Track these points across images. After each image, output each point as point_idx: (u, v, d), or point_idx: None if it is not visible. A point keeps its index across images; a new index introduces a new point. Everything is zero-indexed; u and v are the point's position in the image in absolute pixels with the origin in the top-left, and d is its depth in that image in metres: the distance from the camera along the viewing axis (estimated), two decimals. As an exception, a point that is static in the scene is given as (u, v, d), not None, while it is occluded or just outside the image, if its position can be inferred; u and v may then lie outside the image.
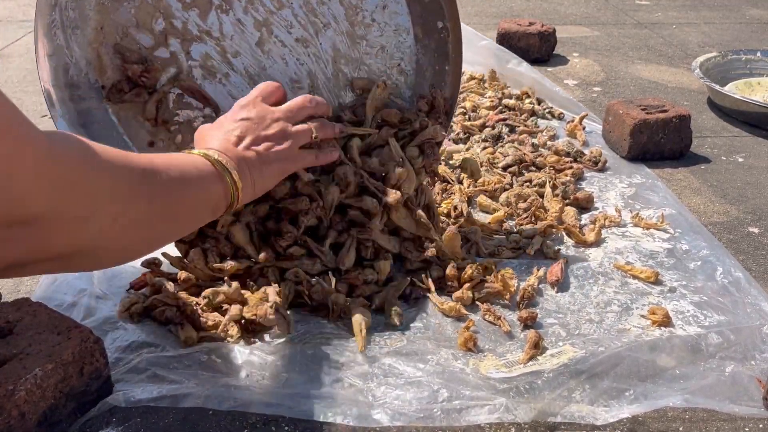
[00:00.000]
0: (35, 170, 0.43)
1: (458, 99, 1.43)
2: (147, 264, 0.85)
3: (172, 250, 0.92)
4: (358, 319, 0.76)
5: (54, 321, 0.66)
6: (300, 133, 0.74)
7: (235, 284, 0.80)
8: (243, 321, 0.76)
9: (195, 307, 0.77)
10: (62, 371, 0.62)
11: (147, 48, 0.79)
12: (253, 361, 0.72)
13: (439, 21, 0.85)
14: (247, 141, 0.69)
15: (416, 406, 0.67)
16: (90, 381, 0.65)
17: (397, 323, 0.78)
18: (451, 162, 1.17)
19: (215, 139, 0.69)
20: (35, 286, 0.84)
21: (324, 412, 0.67)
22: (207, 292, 0.79)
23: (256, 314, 0.76)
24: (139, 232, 0.56)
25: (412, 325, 0.79)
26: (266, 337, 0.76)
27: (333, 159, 0.79)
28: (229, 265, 0.81)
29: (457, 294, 0.81)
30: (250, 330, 0.77)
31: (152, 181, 0.56)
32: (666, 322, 0.79)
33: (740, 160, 1.25)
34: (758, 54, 1.59)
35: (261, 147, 0.70)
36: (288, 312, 0.78)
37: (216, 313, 0.78)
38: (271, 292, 0.79)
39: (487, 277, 0.85)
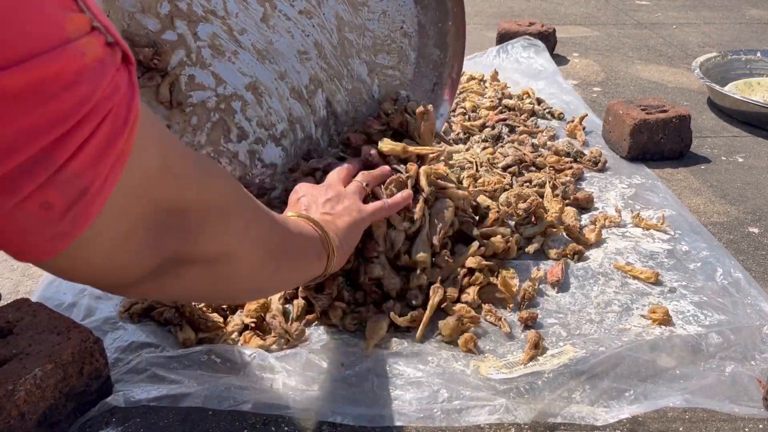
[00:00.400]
0: (186, 160, 0.44)
1: (458, 99, 1.43)
2: None
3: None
4: (376, 326, 0.75)
5: (54, 321, 0.66)
6: (354, 191, 0.76)
7: None
8: (245, 326, 0.77)
9: (194, 308, 0.77)
10: (62, 371, 0.62)
11: (154, 32, 0.79)
12: (253, 361, 0.72)
13: None
14: (314, 208, 0.72)
15: (416, 406, 0.67)
16: (90, 381, 0.65)
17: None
18: (451, 162, 1.17)
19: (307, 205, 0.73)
20: (35, 286, 0.84)
21: (324, 412, 0.67)
22: None
23: (258, 322, 0.76)
24: (265, 255, 0.56)
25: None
26: (267, 338, 0.76)
27: (406, 200, 0.79)
28: None
29: (466, 297, 0.81)
30: (253, 329, 0.77)
31: (270, 214, 0.58)
32: (666, 320, 0.79)
33: (740, 160, 1.25)
34: (758, 54, 1.59)
35: (327, 208, 0.72)
36: (297, 323, 0.77)
37: (216, 314, 0.78)
38: (275, 299, 0.79)
39: (492, 278, 0.84)
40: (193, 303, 0.78)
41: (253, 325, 0.77)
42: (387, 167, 0.81)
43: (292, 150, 0.87)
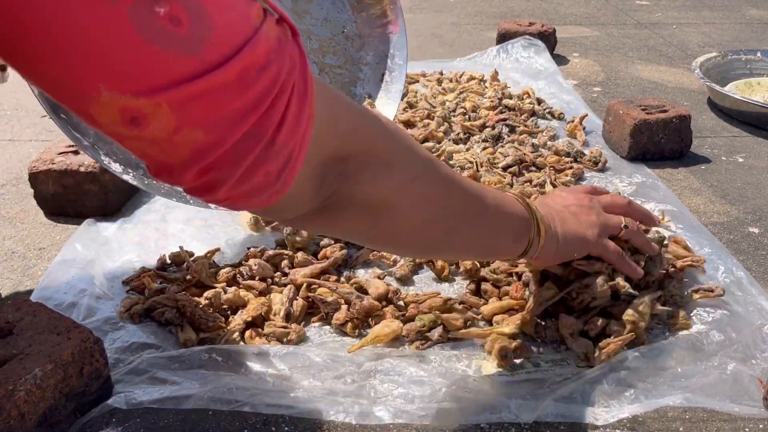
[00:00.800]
0: (350, 116, 0.50)
1: (458, 99, 1.43)
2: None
3: (174, 249, 0.92)
4: (379, 333, 0.75)
5: (54, 321, 0.66)
6: (611, 217, 0.73)
7: (233, 289, 0.80)
8: (246, 325, 0.77)
9: (195, 308, 0.77)
10: (62, 372, 0.62)
11: None
12: (253, 360, 0.72)
13: None
14: (560, 201, 0.72)
15: (418, 404, 0.67)
16: (90, 381, 0.65)
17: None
18: (451, 162, 1.17)
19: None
20: (35, 286, 0.84)
21: (325, 409, 0.67)
22: (209, 293, 0.79)
23: (259, 322, 0.76)
24: (433, 214, 0.57)
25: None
26: (269, 338, 0.76)
27: (636, 274, 0.74)
28: (225, 272, 0.83)
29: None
30: (254, 329, 0.77)
31: (451, 178, 0.59)
32: (686, 325, 0.78)
33: (740, 160, 1.25)
34: (758, 54, 1.59)
35: (572, 208, 0.71)
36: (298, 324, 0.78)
37: (216, 314, 0.78)
38: (277, 300, 0.79)
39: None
40: (193, 305, 0.78)
41: (254, 324, 0.77)
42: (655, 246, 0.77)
43: None
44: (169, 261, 0.90)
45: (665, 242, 0.82)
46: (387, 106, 1.01)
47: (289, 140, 0.41)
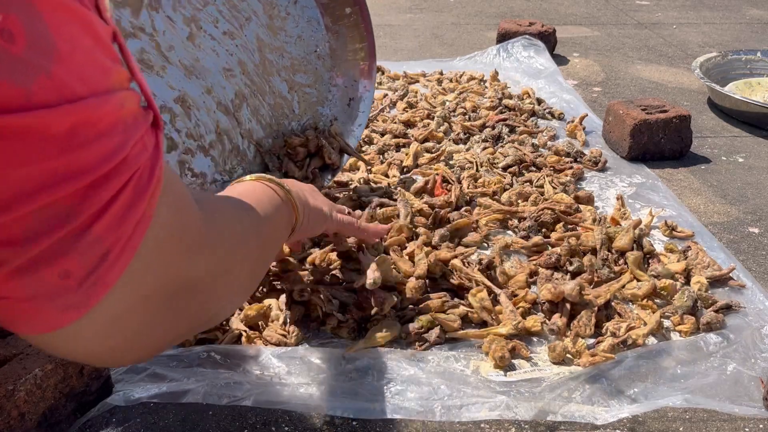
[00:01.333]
0: (200, 227, 0.41)
1: (458, 99, 1.43)
2: None
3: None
4: (377, 335, 0.75)
5: (54, 321, 0.66)
6: (337, 206, 0.79)
7: None
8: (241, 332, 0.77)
9: None
10: (62, 371, 0.62)
11: None
12: (252, 360, 0.72)
13: (347, 8, 0.97)
14: (302, 186, 0.73)
15: (416, 401, 0.67)
16: (90, 381, 0.65)
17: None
18: (451, 162, 1.17)
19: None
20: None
21: (323, 405, 0.67)
22: None
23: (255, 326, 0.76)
24: (253, 272, 0.54)
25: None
26: (266, 341, 0.76)
27: (380, 233, 0.84)
28: None
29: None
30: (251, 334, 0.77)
31: (255, 219, 0.56)
32: (696, 330, 0.78)
33: (740, 160, 1.25)
34: (758, 54, 1.59)
35: (307, 190, 0.73)
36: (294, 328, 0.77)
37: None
38: (275, 306, 0.79)
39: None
40: None
41: (250, 332, 0.76)
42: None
43: (221, 159, 0.91)
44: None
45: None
46: (349, 136, 1.04)
47: (109, 235, 0.31)
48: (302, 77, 0.98)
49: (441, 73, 1.62)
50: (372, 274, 0.74)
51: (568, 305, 0.78)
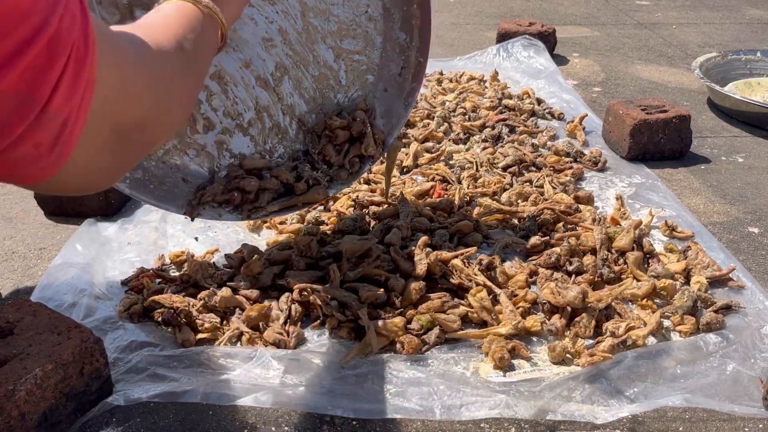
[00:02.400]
0: (140, 76, 0.46)
1: (458, 99, 1.43)
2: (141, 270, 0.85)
3: (173, 247, 0.92)
4: (369, 341, 0.75)
5: (54, 321, 0.66)
6: None
7: (226, 290, 0.80)
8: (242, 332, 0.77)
9: (191, 309, 0.77)
10: (62, 371, 0.62)
11: (112, 22, 0.74)
12: (252, 359, 0.72)
13: None
14: None
15: (417, 401, 0.67)
16: (90, 381, 0.65)
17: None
18: (451, 162, 1.17)
19: None
20: (35, 286, 0.84)
21: (324, 405, 0.67)
22: (203, 294, 0.79)
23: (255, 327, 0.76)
24: (188, 99, 0.57)
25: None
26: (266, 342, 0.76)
27: None
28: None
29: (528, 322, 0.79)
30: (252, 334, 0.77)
31: (186, 50, 0.57)
32: (695, 331, 0.78)
33: (740, 160, 1.25)
34: (758, 54, 1.59)
35: None
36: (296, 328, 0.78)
37: (212, 314, 0.78)
38: (275, 306, 0.79)
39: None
40: (190, 305, 0.78)
41: (251, 333, 0.76)
42: None
43: (260, 139, 0.86)
44: (168, 261, 0.90)
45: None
46: (398, 114, 0.93)
47: (64, 107, 0.36)
48: (350, 43, 0.88)
49: (441, 73, 1.62)
50: None
51: (569, 307, 0.79)
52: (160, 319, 0.77)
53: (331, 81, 0.88)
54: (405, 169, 1.14)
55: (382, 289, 0.80)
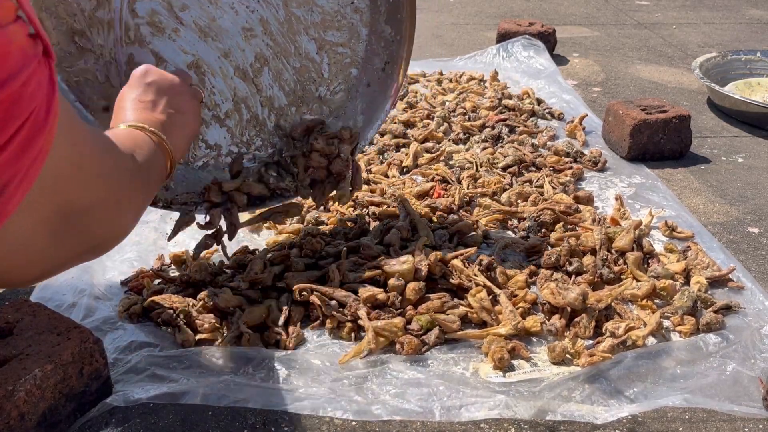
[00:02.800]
0: (100, 156, 0.45)
1: (458, 99, 1.43)
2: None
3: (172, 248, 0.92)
4: (369, 341, 0.75)
5: (54, 321, 0.66)
6: (196, 92, 0.75)
7: (226, 290, 0.80)
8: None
9: (190, 309, 0.77)
10: (62, 372, 0.62)
11: (88, 10, 0.75)
12: (252, 359, 0.72)
13: None
14: (160, 105, 0.68)
15: (416, 402, 0.67)
16: (90, 381, 0.65)
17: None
18: (451, 162, 1.17)
19: (130, 109, 0.67)
20: (35, 287, 0.84)
21: (323, 406, 0.67)
22: (203, 294, 0.79)
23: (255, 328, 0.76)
24: (135, 210, 0.56)
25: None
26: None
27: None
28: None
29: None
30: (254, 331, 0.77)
31: (137, 162, 0.57)
32: (695, 331, 0.78)
33: (740, 160, 1.25)
34: (758, 54, 1.59)
35: (171, 108, 0.68)
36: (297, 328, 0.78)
37: (212, 315, 0.78)
38: (275, 307, 0.79)
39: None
40: (189, 305, 0.78)
41: (250, 334, 0.76)
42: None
43: (238, 130, 0.84)
44: (168, 261, 0.90)
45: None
46: (380, 110, 0.90)
47: (6, 170, 0.33)
48: (334, 35, 0.85)
49: (441, 74, 1.62)
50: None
51: (569, 308, 0.79)
52: (159, 319, 0.77)
53: (313, 73, 0.86)
54: (405, 170, 1.14)
55: (382, 289, 0.80)
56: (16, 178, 0.34)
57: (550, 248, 0.92)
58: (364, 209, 1.01)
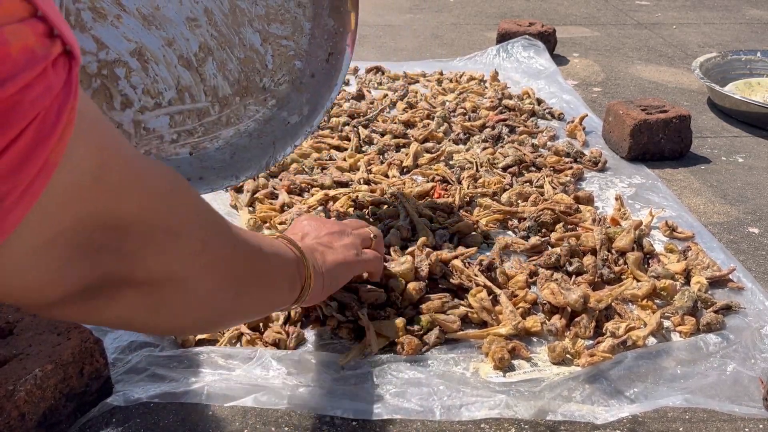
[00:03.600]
0: (129, 166, 0.39)
1: (458, 99, 1.43)
2: None
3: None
4: (369, 341, 0.74)
5: (54, 321, 0.66)
6: (361, 232, 0.76)
7: None
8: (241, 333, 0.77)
9: None
10: (62, 372, 0.62)
11: None
12: (253, 359, 0.72)
13: None
14: (319, 233, 0.70)
15: (416, 401, 0.67)
16: (90, 381, 0.65)
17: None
18: (451, 162, 1.17)
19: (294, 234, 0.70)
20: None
21: (323, 406, 0.67)
22: None
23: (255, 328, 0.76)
24: (224, 279, 0.50)
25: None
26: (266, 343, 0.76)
27: (379, 270, 0.79)
28: None
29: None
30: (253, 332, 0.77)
31: (235, 233, 0.52)
32: (695, 331, 0.78)
33: (740, 160, 1.25)
34: (758, 54, 1.59)
35: (324, 240, 0.70)
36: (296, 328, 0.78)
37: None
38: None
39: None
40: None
41: (250, 334, 0.76)
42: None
43: (180, 118, 0.84)
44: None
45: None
46: (325, 97, 0.91)
47: (5, 182, 0.30)
48: (278, 28, 0.88)
49: (441, 74, 1.62)
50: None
51: (569, 308, 0.79)
52: None
53: (257, 64, 0.87)
54: (405, 170, 1.14)
55: (382, 290, 0.80)
56: (15, 192, 0.30)
57: (550, 248, 0.92)
58: (365, 209, 1.01)
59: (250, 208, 1.04)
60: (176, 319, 0.49)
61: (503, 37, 1.80)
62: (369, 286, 0.80)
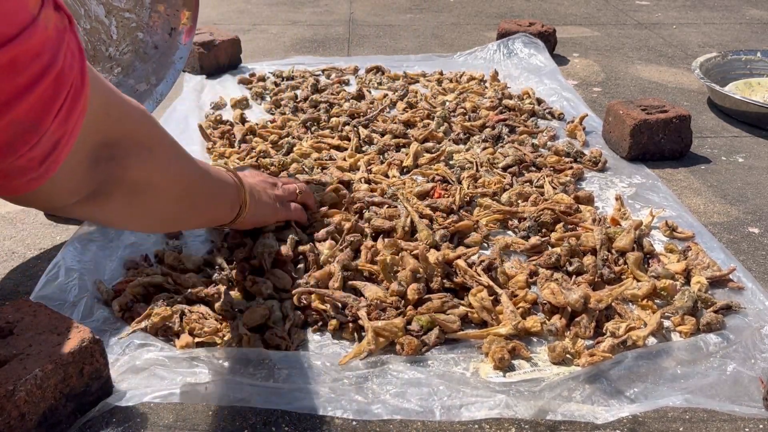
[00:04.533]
0: (121, 101, 0.54)
1: (458, 99, 1.43)
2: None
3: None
4: (369, 342, 0.74)
5: (54, 321, 0.66)
6: (287, 187, 0.91)
7: (224, 292, 0.80)
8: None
9: (189, 315, 0.77)
10: (62, 372, 0.62)
11: None
12: (253, 360, 0.72)
13: None
14: (257, 180, 0.86)
15: (416, 402, 0.67)
16: (90, 381, 0.65)
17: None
18: (451, 162, 1.17)
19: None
20: (35, 286, 0.84)
21: (323, 406, 0.67)
22: (203, 291, 0.79)
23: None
24: (184, 190, 0.66)
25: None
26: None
27: (303, 219, 0.92)
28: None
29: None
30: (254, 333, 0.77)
31: (190, 156, 0.68)
32: (695, 331, 0.78)
33: (740, 160, 1.25)
34: (758, 54, 1.59)
35: (260, 186, 0.84)
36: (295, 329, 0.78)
37: (212, 320, 0.78)
38: (276, 308, 0.79)
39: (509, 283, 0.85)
40: (186, 310, 0.78)
41: (250, 335, 0.76)
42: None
43: None
44: (155, 257, 0.90)
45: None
46: (169, 68, 1.02)
47: (59, 129, 0.42)
48: (120, 1, 0.97)
49: (441, 74, 1.62)
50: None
51: (569, 308, 0.79)
52: (154, 332, 0.77)
53: (103, 35, 0.95)
54: (405, 170, 1.14)
55: (385, 290, 0.80)
56: (66, 134, 0.44)
57: (550, 248, 0.92)
58: (365, 210, 1.01)
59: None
60: (147, 218, 0.66)
61: (503, 37, 1.80)
62: (369, 286, 0.81)
